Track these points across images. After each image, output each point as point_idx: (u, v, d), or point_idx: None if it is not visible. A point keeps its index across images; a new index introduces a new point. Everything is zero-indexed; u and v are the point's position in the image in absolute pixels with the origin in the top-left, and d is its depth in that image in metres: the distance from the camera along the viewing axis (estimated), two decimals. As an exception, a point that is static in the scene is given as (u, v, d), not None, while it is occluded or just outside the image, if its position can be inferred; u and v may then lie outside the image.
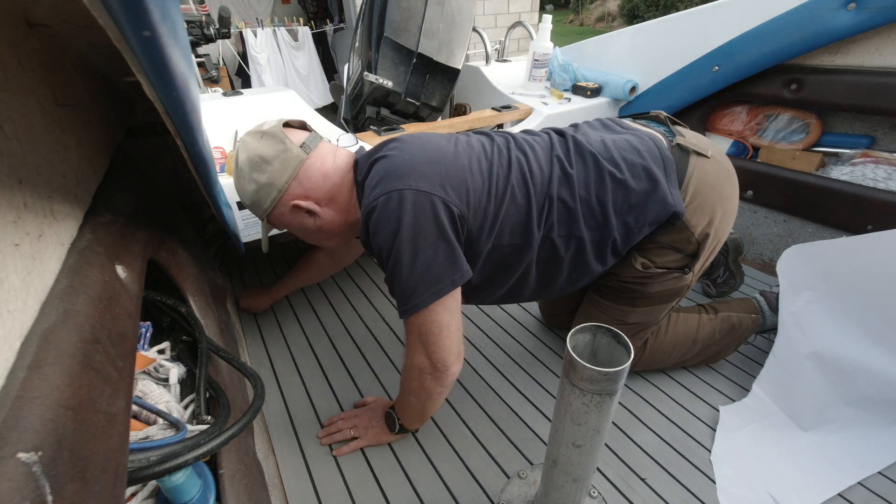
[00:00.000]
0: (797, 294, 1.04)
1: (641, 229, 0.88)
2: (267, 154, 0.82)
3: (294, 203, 0.85)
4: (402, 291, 0.76)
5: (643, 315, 1.02)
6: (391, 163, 0.78)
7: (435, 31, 1.43)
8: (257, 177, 0.83)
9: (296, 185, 0.84)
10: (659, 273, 0.94)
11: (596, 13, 13.22)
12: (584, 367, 0.53)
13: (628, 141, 0.89)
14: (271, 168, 0.82)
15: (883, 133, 1.35)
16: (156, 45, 0.31)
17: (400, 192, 0.74)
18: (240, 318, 1.39)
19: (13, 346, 0.32)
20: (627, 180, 0.84)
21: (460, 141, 0.87)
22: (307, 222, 0.89)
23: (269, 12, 4.74)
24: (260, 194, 0.84)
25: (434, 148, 0.81)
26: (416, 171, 0.76)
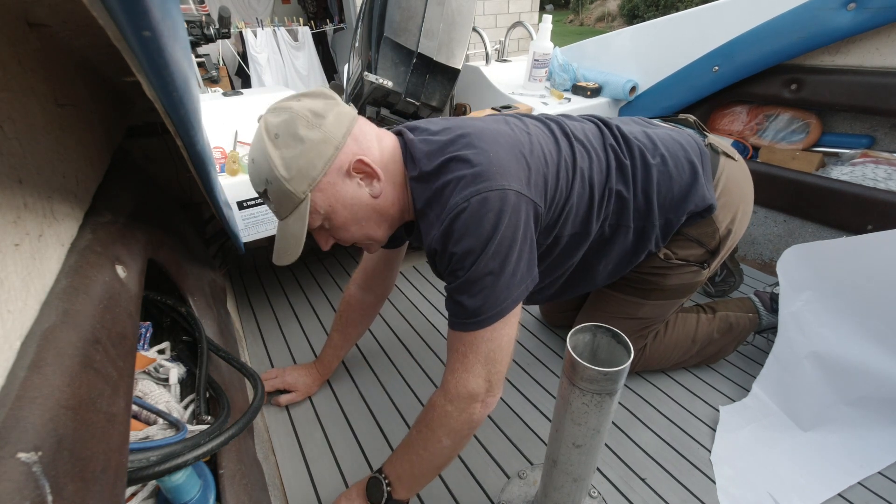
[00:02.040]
0: (797, 294, 1.04)
1: (680, 220, 0.89)
2: (318, 108, 0.67)
3: (357, 159, 0.69)
4: (480, 301, 0.66)
5: (653, 309, 1.02)
6: (478, 160, 0.68)
7: (435, 31, 1.43)
8: (308, 134, 0.66)
9: (352, 143, 0.69)
10: (678, 265, 0.95)
11: (596, 13, 13.22)
12: (585, 367, 0.53)
13: (669, 135, 0.91)
14: (325, 122, 0.67)
15: (883, 133, 1.35)
16: (156, 45, 0.31)
17: (499, 193, 0.65)
18: (240, 318, 1.39)
19: (13, 346, 0.32)
20: (672, 172, 0.86)
21: (525, 130, 0.79)
22: (362, 196, 0.72)
23: (269, 12, 4.74)
24: (310, 157, 0.66)
25: (509, 141, 0.73)
26: (507, 169, 0.68)
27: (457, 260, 0.68)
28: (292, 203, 0.69)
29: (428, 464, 0.75)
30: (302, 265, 1.69)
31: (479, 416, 0.71)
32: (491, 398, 0.70)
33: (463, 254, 0.66)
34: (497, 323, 0.67)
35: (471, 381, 0.69)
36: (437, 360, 1.23)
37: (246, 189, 1.09)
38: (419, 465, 0.75)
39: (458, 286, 0.68)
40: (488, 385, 0.69)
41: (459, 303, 0.68)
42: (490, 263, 0.66)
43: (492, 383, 0.70)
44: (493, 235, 0.65)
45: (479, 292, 0.67)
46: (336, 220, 0.73)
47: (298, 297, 1.50)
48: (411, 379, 1.17)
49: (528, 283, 0.70)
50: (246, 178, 1.10)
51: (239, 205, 1.10)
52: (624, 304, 1.03)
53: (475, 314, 0.67)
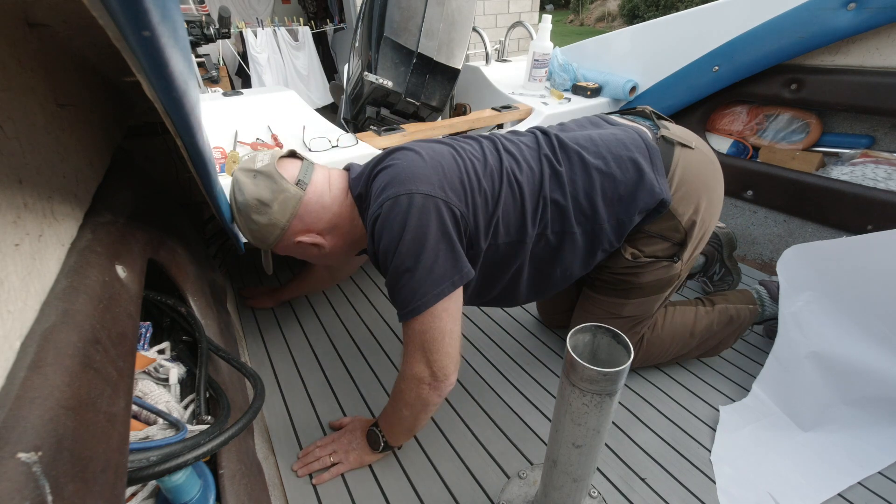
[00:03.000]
0: (797, 294, 1.04)
1: (632, 219, 0.90)
2: (264, 197, 0.82)
3: (297, 240, 0.87)
4: (404, 294, 0.76)
5: (637, 307, 1.03)
6: (392, 171, 0.79)
7: (435, 31, 1.43)
8: (258, 218, 0.83)
9: (297, 222, 0.85)
10: (648, 262, 0.96)
11: (596, 13, 13.22)
12: (584, 367, 0.53)
13: (613, 135, 0.92)
14: (270, 210, 0.82)
15: (883, 133, 1.35)
16: (156, 45, 0.31)
17: (405, 196, 0.75)
18: (240, 318, 1.39)
19: (13, 346, 0.32)
20: (614, 172, 0.87)
21: (453, 144, 0.88)
22: (311, 251, 0.91)
23: (269, 12, 4.74)
24: (262, 233, 0.85)
25: (430, 154, 0.83)
26: (417, 175, 0.77)
27: (381, 259, 0.79)
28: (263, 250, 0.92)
29: (399, 426, 0.89)
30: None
31: (430, 396, 0.80)
32: (438, 382, 0.79)
33: (382, 253, 0.77)
34: (423, 314, 0.75)
35: (414, 366, 0.79)
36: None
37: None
38: (394, 426, 0.90)
39: (387, 282, 0.80)
40: (430, 370, 0.79)
41: (393, 298, 0.79)
42: (405, 261, 0.74)
43: (433, 369, 0.78)
44: (403, 234, 0.74)
45: (401, 287, 0.76)
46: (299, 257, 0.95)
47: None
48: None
49: (456, 278, 0.77)
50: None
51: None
52: (608, 305, 1.04)
53: (402, 306, 0.77)
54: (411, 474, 0.94)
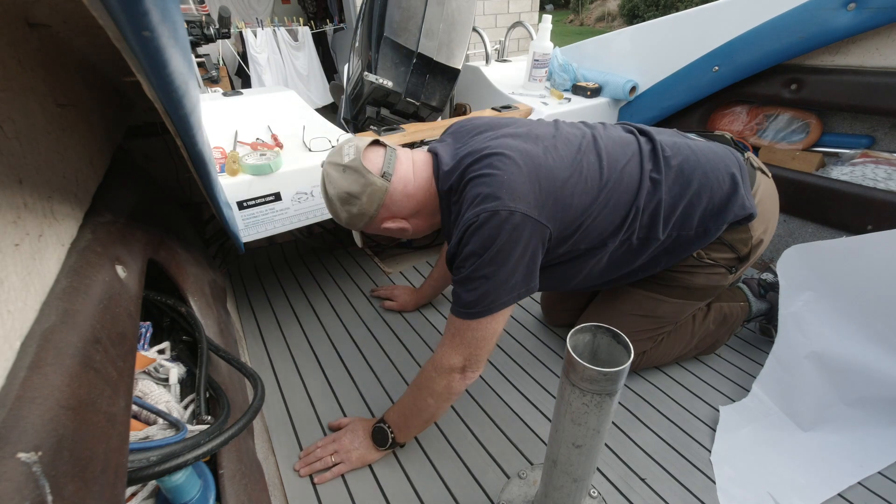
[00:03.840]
0: (797, 294, 1.04)
1: (719, 229, 0.92)
2: (354, 190, 0.86)
3: (384, 226, 0.92)
4: (474, 297, 0.78)
5: (672, 308, 1.04)
6: (493, 183, 0.79)
7: (435, 31, 1.43)
8: (349, 209, 0.88)
9: (384, 211, 0.89)
10: (708, 265, 0.97)
11: (596, 13, 13.22)
12: (585, 367, 0.53)
13: (710, 148, 0.94)
14: (360, 202, 0.87)
15: (883, 133, 1.35)
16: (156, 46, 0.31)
17: (506, 212, 0.76)
18: (240, 318, 1.39)
19: (13, 346, 0.32)
20: (712, 184, 0.89)
21: (552, 148, 0.85)
22: (397, 233, 0.96)
23: (269, 12, 4.75)
24: (353, 220, 0.90)
25: (530, 165, 0.81)
26: (517, 192, 0.77)
27: (461, 259, 0.80)
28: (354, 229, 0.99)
29: (417, 417, 0.91)
30: (302, 265, 1.69)
31: (458, 386, 0.85)
32: (470, 373, 0.84)
33: (466, 255, 0.79)
34: (484, 318, 0.80)
35: (453, 358, 0.83)
36: (437, 360, 1.23)
37: (246, 189, 1.09)
38: (411, 417, 0.91)
39: (459, 280, 0.81)
40: (465, 363, 0.83)
41: (458, 294, 0.81)
42: (485, 268, 0.77)
43: (469, 363, 0.83)
44: (492, 245, 0.76)
45: (473, 289, 0.78)
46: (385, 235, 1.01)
47: (298, 297, 1.50)
48: (411, 377, 1.17)
49: (522, 291, 0.81)
50: (246, 177, 1.10)
51: (239, 205, 1.10)
52: (644, 300, 1.04)
53: (468, 306, 0.80)
54: (411, 474, 0.94)
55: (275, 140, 1.26)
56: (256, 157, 1.12)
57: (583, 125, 0.95)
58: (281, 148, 1.22)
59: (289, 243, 1.83)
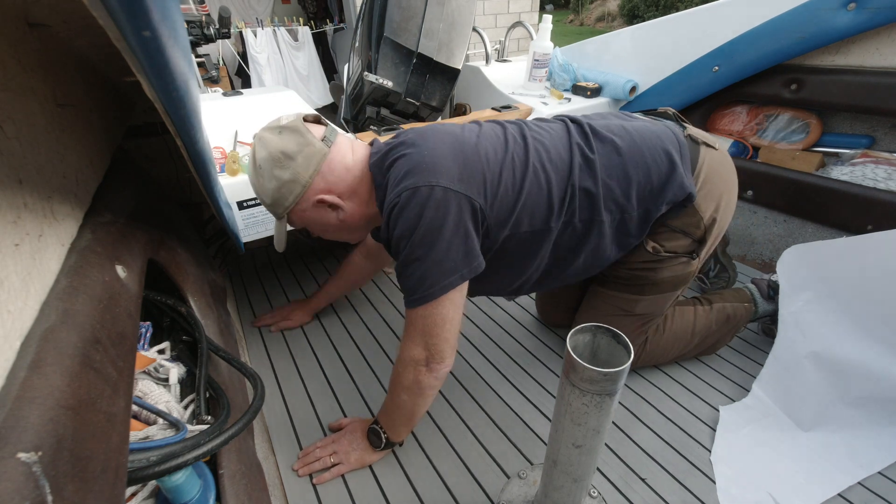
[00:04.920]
0: (797, 294, 1.04)
1: (659, 209, 0.90)
2: (289, 149, 0.79)
3: (319, 198, 0.83)
4: (412, 282, 0.77)
5: (650, 305, 1.03)
6: (413, 159, 0.78)
7: (435, 31, 1.43)
8: (279, 173, 0.80)
9: (319, 180, 0.82)
10: (668, 257, 0.96)
11: (596, 13, 13.21)
12: (584, 367, 0.53)
13: (646, 127, 0.93)
14: (294, 164, 0.79)
15: (883, 133, 1.35)
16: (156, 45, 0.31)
17: (426, 188, 0.74)
18: (240, 318, 1.39)
19: (13, 346, 0.32)
20: (648, 162, 0.88)
21: (475, 131, 0.86)
22: (329, 217, 0.88)
23: (269, 12, 4.74)
24: (282, 191, 0.82)
25: (452, 141, 0.81)
26: (437, 166, 0.76)
27: (393, 245, 0.79)
28: (277, 215, 0.88)
29: (399, 415, 0.90)
30: (302, 265, 1.69)
31: (426, 380, 0.82)
32: (435, 365, 0.81)
33: (396, 240, 0.78)
34: (430, 303, 0.77)
35: (412, 349, 0.81)
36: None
37: (246, 189, 1.09)
38: (394, 416, 0.91)
39: (397, 268, 0.81)
40: (427, 354, 0.81)
41: (400, 282, 0.81)
42: (416, 250, 0.75)
43: (431, 353, 0.81)
44: (418, 225, 0.74)
45: (410, 275, 0.77)
46: (314, 230, 0.92)
47: (298, 298, 1.50)
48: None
49: (465, 272, 0.78)
50: (246, 178, 1.10)
51: (239, 205, 1.10)
52: (620, 301, 1.04)
53: (410, 293, 0.78)
54: (411, 474, 0.94)
55: (275, 140, 1.26)
56: (256, 157, 1.12)
57: (504, 122, 0.94)
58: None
59: (289, 243, 1.83)
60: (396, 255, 0.80)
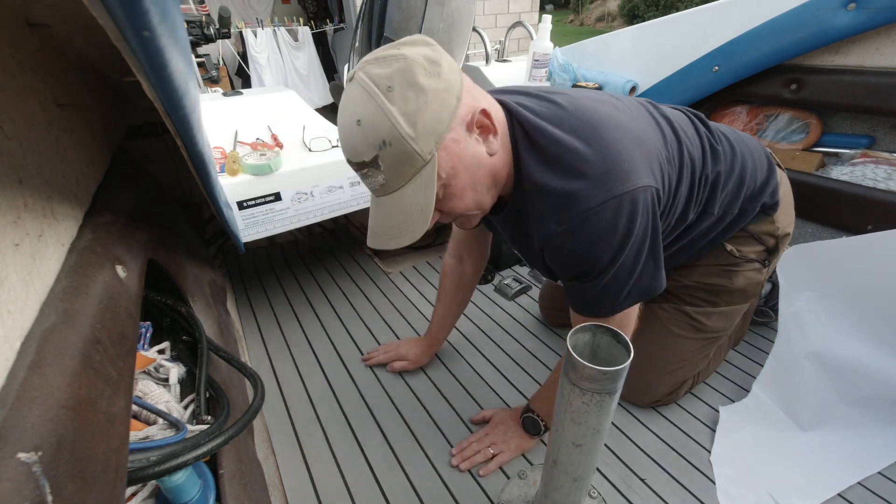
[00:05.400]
0: (797, 294, 1.04)
1: (755, 210, 0.89)
2: (430, 55, 0.58)
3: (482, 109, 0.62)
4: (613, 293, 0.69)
5: (722, 318, 0.99)
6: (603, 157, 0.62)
7: (435, 32, 1.43)
8: (427, 83, 0.57)
9: (467, 95, 0.62)
10: (743, 261, 0.95)
11: (596, 13, 13.21)
12: (585, 366, 0.53)
13: (749, 137, 0.92)
14: (441, 69, 0.58)
15: (883, 133, 1.34)
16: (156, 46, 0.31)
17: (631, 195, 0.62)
18: (240, 318, 1.39)
19: (13, 346, 0.32)
20: (756, 163, 0.87)
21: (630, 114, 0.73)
22: (481, 154, 0.64)
23: (269, 12, 4.74)
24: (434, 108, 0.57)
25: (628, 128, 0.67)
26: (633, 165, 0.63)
27: (587, 262, 0.66)
28: (414, 167, 0.59)
29: None
30: (302, 265, 1.69)
31: None
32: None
33: (596, 256, 0.65)
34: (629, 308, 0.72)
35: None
36: (436, 358, 1.23)
37: (246, 189, 1.09)
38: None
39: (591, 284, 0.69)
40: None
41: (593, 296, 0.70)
42: (626, 264, 0.66)
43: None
44: (627, 241, 0.64)
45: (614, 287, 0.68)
46: (456, 185, 0.63)
47: (298, 297, 1.50)
48: (410, 378, 1.17)
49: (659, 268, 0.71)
50: (246, 177, 1.09)
51: (239, 205, 1.10)
52: (689, 315, 0.99)
53: (610, 304, 0.70)
54: (411, 474, 0.94)
55: (275, 140, 1.26)
56: (256, 157, 1.13)
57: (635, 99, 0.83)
58: (281, 148, 1.22)
59: (289, 243, 1.83)
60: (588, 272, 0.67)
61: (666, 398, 1.06)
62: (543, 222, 0.66)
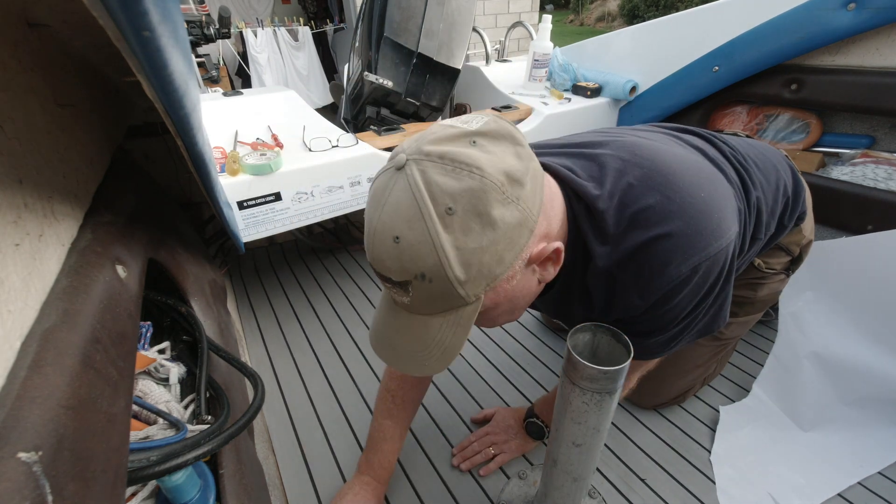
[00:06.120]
0: (797, 294, 1.04)
1: (789, 227, 0.85)
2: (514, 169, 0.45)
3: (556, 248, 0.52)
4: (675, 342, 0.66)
5: (741, 327, 0.98)
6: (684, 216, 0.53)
7: (435, 31, 1.43)
8: (501, 214, 0.44)
9: (542, 220, 0.51)
10: (770, 273, 0.93)
11: (596, 13, 13.22)
12: (585, 365, 0.53)
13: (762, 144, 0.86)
14: (524, 192, 0.46)
15: (883, 133, 1.34)
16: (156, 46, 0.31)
17: (723, 254, 0.55)
18: (240, 318, 1.39)
19: (13, 346, 0.32)
20: (784, 178, 0.81)
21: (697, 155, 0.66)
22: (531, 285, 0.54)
23: (269, 12, 4.74)
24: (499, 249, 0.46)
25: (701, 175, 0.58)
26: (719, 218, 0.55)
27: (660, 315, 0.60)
28: (451, 305, 0.48)
29: None
30: (302, 265, 1.69)
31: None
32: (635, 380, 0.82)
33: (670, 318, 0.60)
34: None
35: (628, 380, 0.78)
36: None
37: (246, 189, 1.09)
38: None
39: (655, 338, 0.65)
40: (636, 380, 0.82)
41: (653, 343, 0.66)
42: (696, 318, 0.62)
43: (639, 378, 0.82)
44: (710, 293, 0.59)
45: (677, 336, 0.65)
46: (493, 312, 0.54)
47: (298, 297, 1.50)
48: (411, 379, 1.17)
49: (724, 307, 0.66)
50: (246, 177, 1.09)
51: (239, 205, 1.10)
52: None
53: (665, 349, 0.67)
54: (411, 474, 0.94)
55: (275, 140, 1.26)
56: (256, 157, 1.13)
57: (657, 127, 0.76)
58: (281, 148, 1.22)
59: (289, 243, 1.83)
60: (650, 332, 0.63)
61: (672, 401, 1.06)
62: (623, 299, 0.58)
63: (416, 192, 0.43)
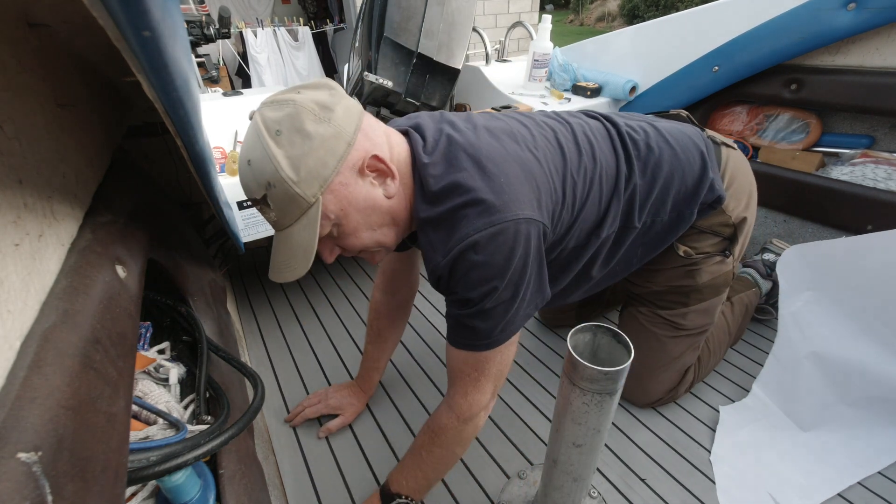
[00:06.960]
0: (797, 294, 1.04)
1: (692, 213, 0.87)
2: (323, 100, 0.60)
3: (373, 155, 0.63)
4: (494, 324, 0.67)
5: (698, 316, 0.99)
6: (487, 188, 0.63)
7: (435, 31, 1.43)
8: (315, 129, 0.58)
9: (363, 139, 0.63)
10: (702, 258, 0.93)
11: (596, 13, 13.22)
12: (585, 366, 0.53)
13: (675, 126, 0.89)
14: (334, 115, 0.60)
15: (883, 133, 1.34)
16: (156, 45, 0.31)
17: (512, 224, 0.62)
18: (240, 318, 1.39)
19: (13, 346, 0.32)
20: (683, 165, 0.83)
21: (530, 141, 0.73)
22: (375, 196, 0.66)
23: (269, 12, 4.74)
24: (319, 154, 0.59)
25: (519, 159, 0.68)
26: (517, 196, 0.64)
27: (468, 290, 0.65)
28: (299, 208, 0.61)
29: (441, 473, 0.83)
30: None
31: (483, 419, 0.77)
32: (493, 402, 0.77)
33: (475, 284, 0.64)
34: (506, 342, 0.70)
35: (482, 399, 0.73)
36: (437, 358, 1.23)
37: (246, 189, 1.09)
38: (433, 475, 0.81)
39: (469, 313, 0.67)
40: (493, 394, 0.75)
41: (470, 327, 0.68)
42: (503, 294, 0.65)
43: (496, 391, 0.76)
44: (507, 268, 0.63)
45: (491, 318, 0.67)
46: (347, 225, 0.66)
47: (298, 297, 1.50)
48: (410, 379, 1.17)
49: (539, 302, 0.71)
50: (246, 178, 1.09)
51: (239, 205, 1.10)
52: (666, 318, 0.99)
53: (486, 336, 0.68)
54: (411, 474, 0.94)
55: (275, 140, 1.26)
56: (256, 157, 1.12)
57: (555, 115, 0.85)
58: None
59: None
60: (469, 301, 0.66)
61: (666, 396, 1.06)
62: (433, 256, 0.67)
63: (256, 126, 0.60)
